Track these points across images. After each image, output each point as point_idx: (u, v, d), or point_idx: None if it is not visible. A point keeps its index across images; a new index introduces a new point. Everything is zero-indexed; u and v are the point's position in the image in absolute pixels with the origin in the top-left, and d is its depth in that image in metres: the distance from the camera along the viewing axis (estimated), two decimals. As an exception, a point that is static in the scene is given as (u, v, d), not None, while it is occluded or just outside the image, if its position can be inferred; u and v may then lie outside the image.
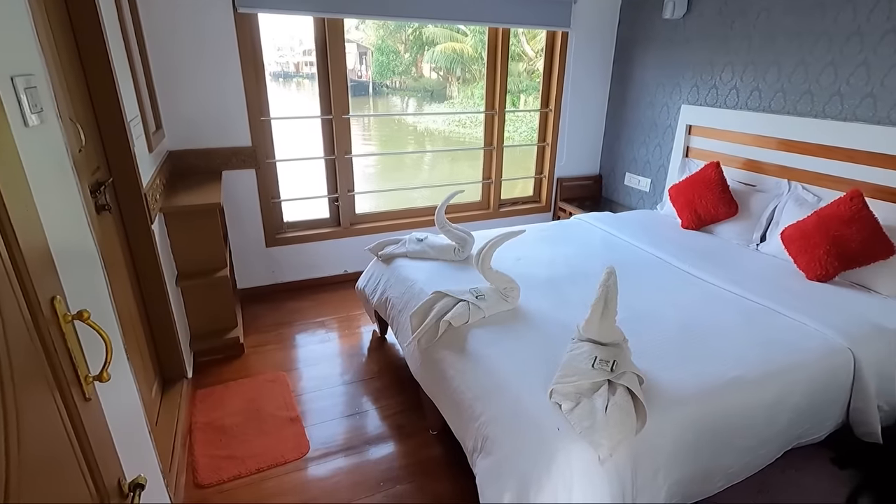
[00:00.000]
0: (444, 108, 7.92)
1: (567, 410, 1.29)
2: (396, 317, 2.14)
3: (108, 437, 0.78)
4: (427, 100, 8.30)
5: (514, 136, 4.78)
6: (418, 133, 8.50)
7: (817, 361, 1.61)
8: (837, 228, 2.12)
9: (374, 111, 6.78)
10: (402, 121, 8.31)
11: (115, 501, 0.75)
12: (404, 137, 7.99)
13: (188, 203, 2.21)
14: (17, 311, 0.56)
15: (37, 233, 0.65)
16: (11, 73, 0.82)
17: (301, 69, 5.98)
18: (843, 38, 2.24)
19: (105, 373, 0.72)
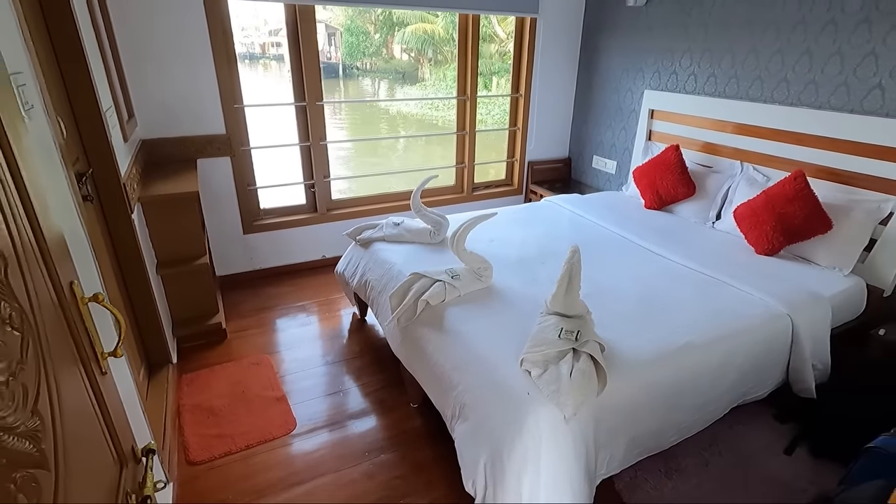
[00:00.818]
0: (416, 91, 7.90)
1: (536, 376, 1.43)
2: (376, 298, 2.24)
3: (121, 408, 0.86)
4: (399, 81, 8.25)
5: (486, 120, 4.86)
6: (391, 116, 8.47)
7: (759, 327, 1.79)
8: (782, 206, 2.30)
9: (344, 93, 6.71)
10: (375, 104, 8.23)
11: (132, 465, 0.84)
12: (377, 121, 7.94)
13: (165, 192, 2.23)
14: (46, 294, 0.64)
15: (51, 221, 0.72)
16: (8, 72, 0.87)
17: (267, 50, 5.84)
18: (790, 27, 2.40)
19: (119, 349, 0.80)
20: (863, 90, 2.17)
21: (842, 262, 2.19)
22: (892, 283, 2.17)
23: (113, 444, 0.78)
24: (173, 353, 2.31)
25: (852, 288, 2.12)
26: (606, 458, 1.50)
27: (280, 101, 3.07)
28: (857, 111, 2.20)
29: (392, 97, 8.20)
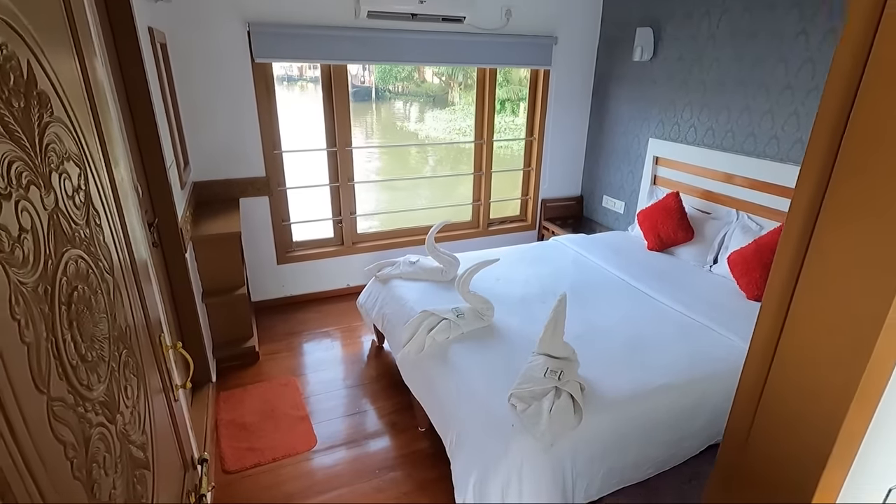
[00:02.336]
0: (446, 114, 8.30)
1: (520, 411, 1.65)
2: (391, 330, 2.50)
3: (185, 426, 1.14)
4: (429, 105, 8.65)
5: (507, 148, 5.11)
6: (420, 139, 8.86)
7: (734, 371, 1.94)
8: (770, 256, 2.47)
9: (376, 115, 7.20)
10: (404, 127, 8.64)
11: (191, 471, 1.12)
12: (406, 142, 8.34)
13: (213, 232, 2.58)
14: (149, 348, 0.93)
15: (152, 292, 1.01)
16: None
17: (304, 73, 6.38)
18: (778, 90, 2.59)
19: (188, 383, 1.09)
20: (844, 151, 2.34)
21: (825, 310, 2.33)
22: (874, 332, 2.29)
23: (181, 453, 1.06)
24: (213, 373, 2.63)
25: (834, 336, 2.26)
26: (584, 485, 1.70)
27: (314, 146, 3.42)
28: (840, 170, 2.36)
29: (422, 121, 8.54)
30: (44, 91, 0.60)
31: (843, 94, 0.60)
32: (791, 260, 0.65)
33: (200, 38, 2.75)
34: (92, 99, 0.80)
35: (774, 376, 0.73)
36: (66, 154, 0.65)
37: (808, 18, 2.40)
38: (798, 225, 0.64)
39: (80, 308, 0.62)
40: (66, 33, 0.74)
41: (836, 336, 0.62)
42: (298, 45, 2.94)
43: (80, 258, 0.65)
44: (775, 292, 0.68)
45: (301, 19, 2.92)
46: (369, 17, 2.96)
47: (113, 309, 0.75)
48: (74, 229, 0.64)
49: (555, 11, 3.55)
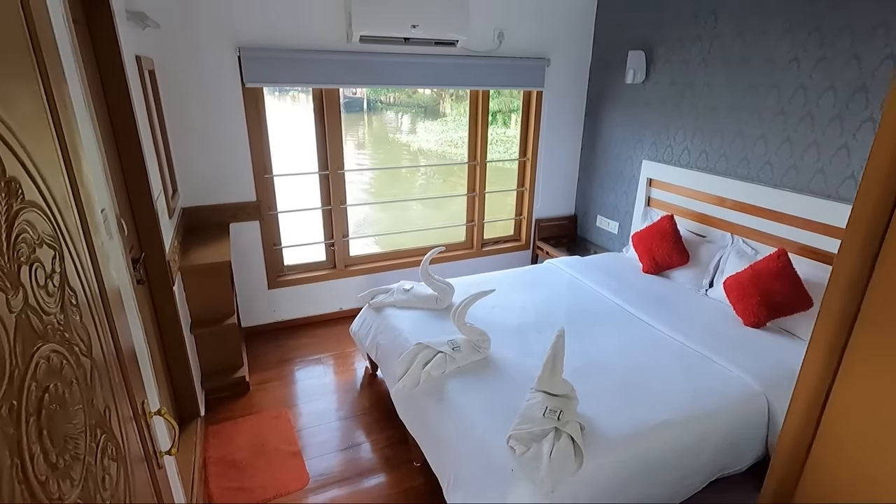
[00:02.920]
0: (437, 125, 8.31)
1: (520, 454, 1.60)
2: (385, 361, 2.45)
3: (169, 489, 1.08)
4: (420, 116, 8.68)
5: (509, 149, 5.08)
6: (412, 152, 8.86)
7: (734, 407, 1.93)
8: (767, 282, 2.46)
9: (368, 127, 7.18)
10: (396, 138, 8.66)
11: (176, 539, 1.05)
12: (399, 152, 8.30)
13: (202, 262, 2.52)
14: (128, 412, 0.88)
15: (130, 344, 0.96)
16: (102, 207, 1.14)
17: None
18: (771, 116, 2.60)
19: (173, 449, 1.03)
20: (838, 179, 2.35)
21: (823, 338, 2.31)
22: (872, 359, 2.28)
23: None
24: (201, 406, 2.55)
25: (832, 364, 2.24)
26: (585, 529, 1.65)
27: (306, 169, 3.38)
28: (834, 198, 2.37)
29: (414, 132, 8.55)
30: (14, 177, 0.56)
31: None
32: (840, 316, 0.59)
33: (190, 64, 2.71)
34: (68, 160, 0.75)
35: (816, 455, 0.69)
36: (38, 240, 0.60)
37: (800, 46, 2.41)
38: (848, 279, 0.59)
39: (51, 410, 0.57)
40: (36, 81, 0.68)
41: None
42: (290, 70, 2.91)
43: (53, 352, 0.60)
44: (817, 365, 0.64)
45: (292, 44, 2.89)
46: (362, 42, 2.94)
47: (91, 394, 0.71)
48: (46, 321, 0.59)
49: (547, 34, 3.56)
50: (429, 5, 2.94)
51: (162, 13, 2.54)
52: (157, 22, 2.46)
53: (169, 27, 2.59)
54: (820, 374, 0.66)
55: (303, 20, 2.87)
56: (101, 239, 0.85)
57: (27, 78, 0.64)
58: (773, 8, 2.51)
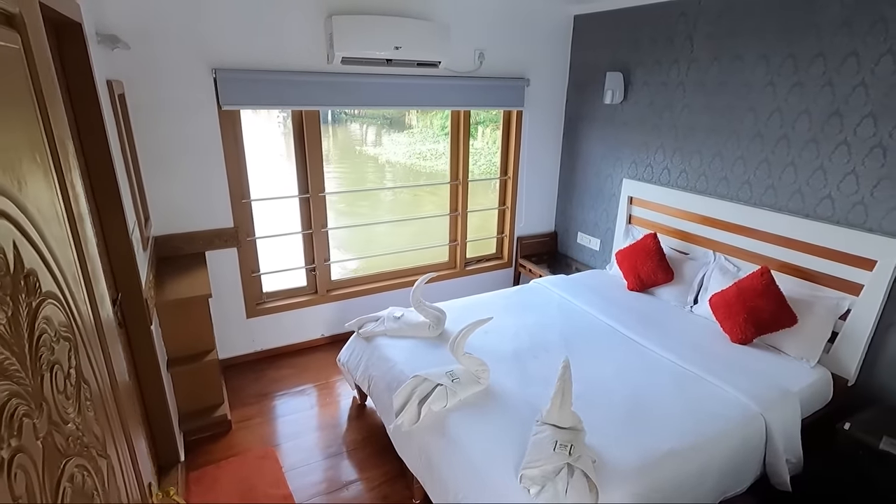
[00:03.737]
0: (403, 137, 8.30)
1: (534, 495, 1.56)
2: (378, 395, 2.36)
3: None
4: (386, 127, 8.61)
5: (473, 169, 5.08)
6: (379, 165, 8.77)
7: (736, 429, 1.95)
8: (752, 300, 2.51)
9: (332, 139, 7.09)
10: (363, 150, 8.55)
11: None
12: (364, 167, 8.21)
13: (179, 296, 2.37)
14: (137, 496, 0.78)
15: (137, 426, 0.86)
16: None
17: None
18: (749, 138, 2.68)
19: None
20: (815, 199, 2.44)
21: (808, 353, 2.38)
22: (854, 373, 2.36)
23: None
24: (181, 450, 2.38)
25: (819, 380, 2.31)
26: (601, 567, 1.61)
27: (279, 152, 3.24)
28: (812, 217, 2.45)
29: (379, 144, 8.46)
30: (32, 269, 0.47)
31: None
32: None
33: (163, 86, 2.57)
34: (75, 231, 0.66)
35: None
36: (55, 336, 0.52)
37: (775, 71, 2.50)
38: None
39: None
40: (44, 151, 0.60)
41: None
42: (269, 91, 2.80)
43: (76, 468, 0.51)
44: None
45: (271, 65, 2.79)
46: (343, 63, 2.87)
47: (108, 498, 0.61)
48: (67, 432, 0.51)
49: (525, 55, 3.59)
50: (411, 27, 2.91)
51: (132, 33, 2.40)
52: (128, 43, 2.33)
53: (140, 48, 2.45)
54: None
55: (281, 41, 2.78)
56: (106, 311, 0.75)
57: (39, 153, 0.56)
58: (747, 34, 2.60)
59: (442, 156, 3.84)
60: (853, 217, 2.31)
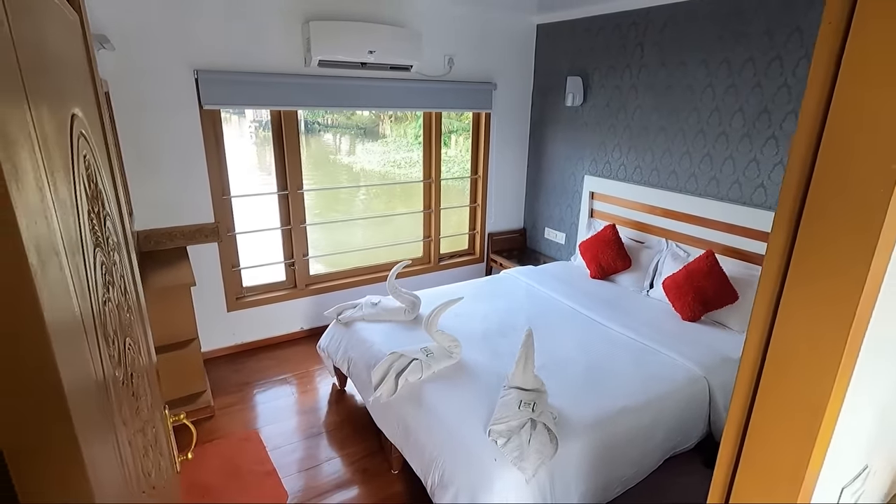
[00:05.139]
0: (378, 146, 8.42)
1: (501, 445, 1.73)
2: (357, 374, 2.50)
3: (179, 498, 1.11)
4: (360, 137, 8.71)
5: (451, 169, 5.27)
6: (353, 174, 8.86)
7: (681, 389, 2.17)
8: (699, 281, 2.77)
9: (306, 148, 7.18)
10: (337, 160, 8.63)
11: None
12: (339, 174, 8.29)
13: (163, 285, 2.47)
14: (159, 415, 0.92)
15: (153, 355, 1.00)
16: None
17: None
18: (693, 135, 2.96)
19: (190, 453, 1.07)
20: (751, 188, 2.72)
21: (748, 326, 2.64)
22: (788, 343, 2.63)
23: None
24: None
25: (757, 349, 2.56)
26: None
27: (252, 161, 3.38)
28: (749, 204, 2.73)
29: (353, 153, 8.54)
30: (100, 189, 0.63)
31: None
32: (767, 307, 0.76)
33: (147, 86, 2.69)
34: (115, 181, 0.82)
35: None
36: (115, 245, 0.67)
37: (714, 74, 2.79)
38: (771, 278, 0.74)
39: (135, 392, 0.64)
40: (95, 111, 0.76)
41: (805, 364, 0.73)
42: (248, 92, 2.94)
43: (130, 344, 0.66)
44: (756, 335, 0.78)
45: (251, 66, 2.93)
46: (320, 66, 3.04)
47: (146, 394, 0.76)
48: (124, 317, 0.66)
49: (492, 61, 3.82)
50: (384, 33, 3.10)
51: (118, 35, 2.51)
52: (114, 44, 2.44)
53: (125, 49, 2.56)
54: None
55: (262, 44, 2.93)
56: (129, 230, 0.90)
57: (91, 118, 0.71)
58: (689, 42, 2.89)
59: (416, 164, 4.02)
60: (782, 203, 2.59)
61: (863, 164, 0.59)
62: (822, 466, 0.76)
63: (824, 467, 0.77)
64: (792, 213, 0.67)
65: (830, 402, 0.68)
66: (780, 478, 0.77)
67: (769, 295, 0.73)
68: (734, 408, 0.86)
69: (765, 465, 0.80)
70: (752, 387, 0.82)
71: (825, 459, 0.75)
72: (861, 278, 0.60)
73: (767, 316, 0.74)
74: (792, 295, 0.69)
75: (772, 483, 0.79)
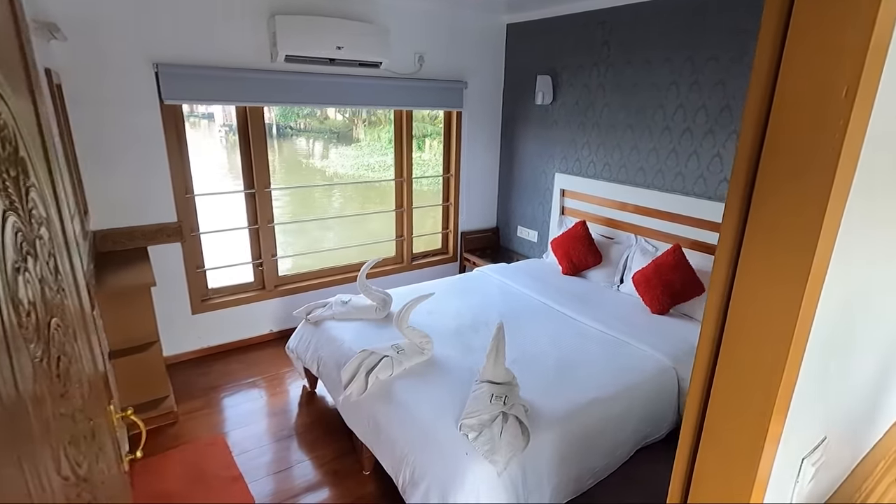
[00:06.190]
0: (352, 150, 8.27)
1: (473, 439, 1.71)
2: (328, 373, 2.44)
3: (129, 497, 1.05)
4: (333, 142, 8.59)
5: (425, 173, 5.28)
6: (327, 178, 8.73)
7: (651, 379, 2.20)
8: (667, 274, 2.82)
9: (278, 153, 6.95)
10: (310, 164, 8.51)
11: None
12: (311, 180, 8.15)
13: (121, 285, 2.37)
14: (102, 414, 0.87)
15: (100, 357, 0.95)
16: None
17: (195, 109, 6.01)
18: (659, 132, 3.02)
19: (139, 452, 1.01)
20: (715, 182, 2.78)
21: (715, 318, 2.69)
22: (753, 333, 2.69)
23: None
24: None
25: (724, 340, 2.61)
26: (535, 503, 1.78)
27: (223, 167, 3.30)
28: (714, 198, 2.79)
29: (326, 157, 8.42)
30: (21, 157, 0.58)
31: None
32: (723, 281, 0.76)
33: (102, 79, 2.58)
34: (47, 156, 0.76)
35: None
36: (41, 220, 0.62)
37: (678, 72, 2.85)
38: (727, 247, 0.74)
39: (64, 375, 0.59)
40: (22, 78, 0.71)
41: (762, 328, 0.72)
42: (212, 87, 2.86)
43: (58, 325, 0.62)
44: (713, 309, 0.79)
45: (215, 61, 2.85)
46: (287, 61, 2.98)
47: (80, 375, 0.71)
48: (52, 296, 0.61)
49: (463, 59, 3.82)
50: (353, 28, 3.06)
51: (70, 24, 2.41)
52: (65, 34, 2.34)
53: (77, 40, 2.46)
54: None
55: (226, 38, 2.86)
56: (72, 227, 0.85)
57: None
58: (653, 40, 2.94)
59: (390, 167, 3.98)
60: (745, 196, 2.65)
61: (811, 115, 0.59)
62: (781, 437, 0.76)
63: (783, 438, 0.77)
64: (747, 174, 0.67)
65: (786, 369, 0.68)
66: (739, 453, 0.77)
67: (726, 261, 0.73)
68: (693, 387, 0.86)
69: (724, 441, 0.80)
70: (711, 361, 0.82)
71: (784, 430, 0.76)
72: (814, 234, 0.60)
73: (725, 283, 0.74)
74: (748, 259, 0.69)
75: (731, 459, 0.79)
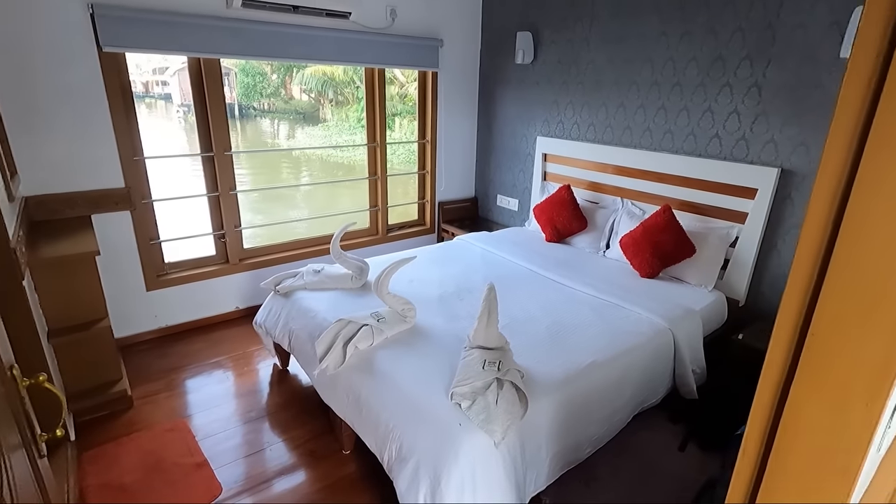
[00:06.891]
0: (319, 131, 7.89)
1: (466, 408, 1.54)
2: (300, 347, 2.23)
3: (56, 492, 0.83)
4: (300, 122, 8.19)
5: (392, 159, 5.04)
6: (293, 158, 8.33)
7: (648, 342, 2.08)
8: (656, 236, 2.70)
9: (241, 135, 6.52)
10: (276, 144, 8.09)
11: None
12: (277, 163, 7.78)
13: (59, 254, 2.08)
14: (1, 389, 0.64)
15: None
16: None
17: (151, 89, 5.53)
18: (647, 87, 2.87)
19: (58, 430, 0.79)
20: (705, 139, 2.66)
21: (706, 280, 2.61)
22: (744, 294, 2.62)
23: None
24: (71, 431, 2.10)
25: (716, 301, 2.53)
26: (534, 476, 1.64)
27: (183, 151, 2.99)
28: (704, 155, 2.68)
29: (293, 137, 8.06)
30: None
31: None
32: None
33: (24, 22, 2.23)
34: None
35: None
36: None
37: (667, 21, 2.70)
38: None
39: None
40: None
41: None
42: (159, 34, 2.54)
43: None
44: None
45: (161, 5, 2.53)
46: (244, 7, 2.68)
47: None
48: None
49: (437, 14, 3.58)
50: (318, -28, 2.77)
51: (-19, -48, 2.06)
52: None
53: (-7, -29, 2.11)
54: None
55: (172, -22, 2.53)
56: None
57: None
58: (641, -11, 2.78)
59: (359, 148, 3.71)
60: (737, 152, 2.55)
61: None
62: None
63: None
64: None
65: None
66: (837, 446, 0.58)
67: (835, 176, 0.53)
68: (771, 360, 0.65)
69: (815, 428, 0.60)
70: (803, 316, 0.60)
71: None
72: None
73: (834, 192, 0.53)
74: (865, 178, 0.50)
75: (825, 452, 0.59)
